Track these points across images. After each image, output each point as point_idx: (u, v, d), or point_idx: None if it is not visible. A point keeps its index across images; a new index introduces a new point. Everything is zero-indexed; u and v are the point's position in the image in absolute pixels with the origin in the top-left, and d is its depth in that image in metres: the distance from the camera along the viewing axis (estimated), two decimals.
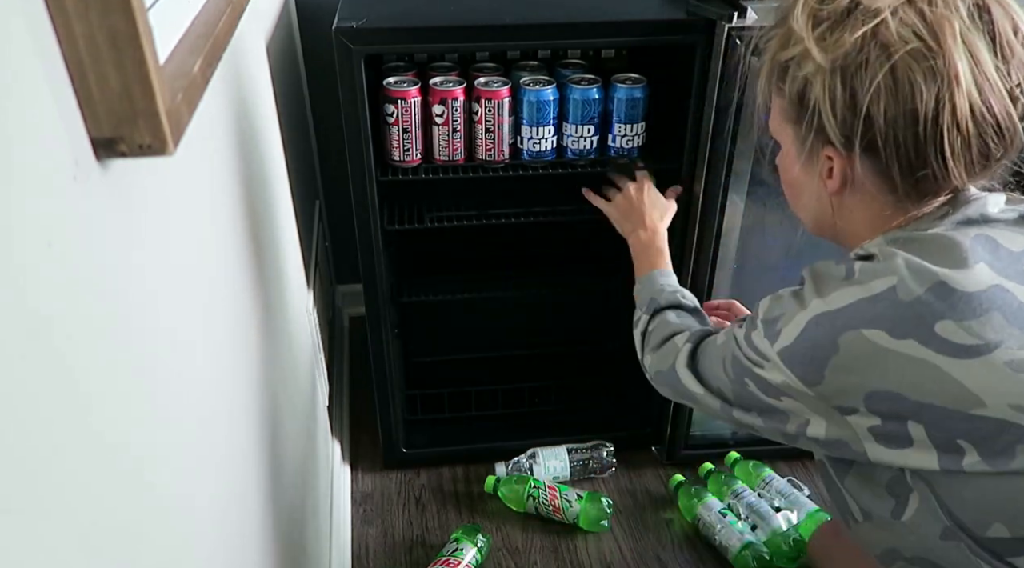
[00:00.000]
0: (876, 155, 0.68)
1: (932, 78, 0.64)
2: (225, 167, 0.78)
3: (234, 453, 0.72)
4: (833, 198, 0.76)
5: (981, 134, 0.66)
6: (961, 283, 0.64)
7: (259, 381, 0.84)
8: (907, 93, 0.65)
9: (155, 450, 0.50)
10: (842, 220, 0.77)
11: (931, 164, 0.67)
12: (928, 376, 0.65)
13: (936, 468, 0.67)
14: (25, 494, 0.32)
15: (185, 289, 0.60)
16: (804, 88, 0.70)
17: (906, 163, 0.68)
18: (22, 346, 0.33)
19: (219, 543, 0.64)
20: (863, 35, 0.65)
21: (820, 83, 0.68)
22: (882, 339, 0.66)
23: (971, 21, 0.64)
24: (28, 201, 0.35)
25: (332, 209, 1.85)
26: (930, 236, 0.69)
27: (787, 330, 0.71)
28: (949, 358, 0.64)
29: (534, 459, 1.53)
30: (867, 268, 0.69)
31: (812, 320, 0.69)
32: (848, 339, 0.67)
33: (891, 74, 0.65)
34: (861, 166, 0.70)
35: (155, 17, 0.45)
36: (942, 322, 0.64)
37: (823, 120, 0.69)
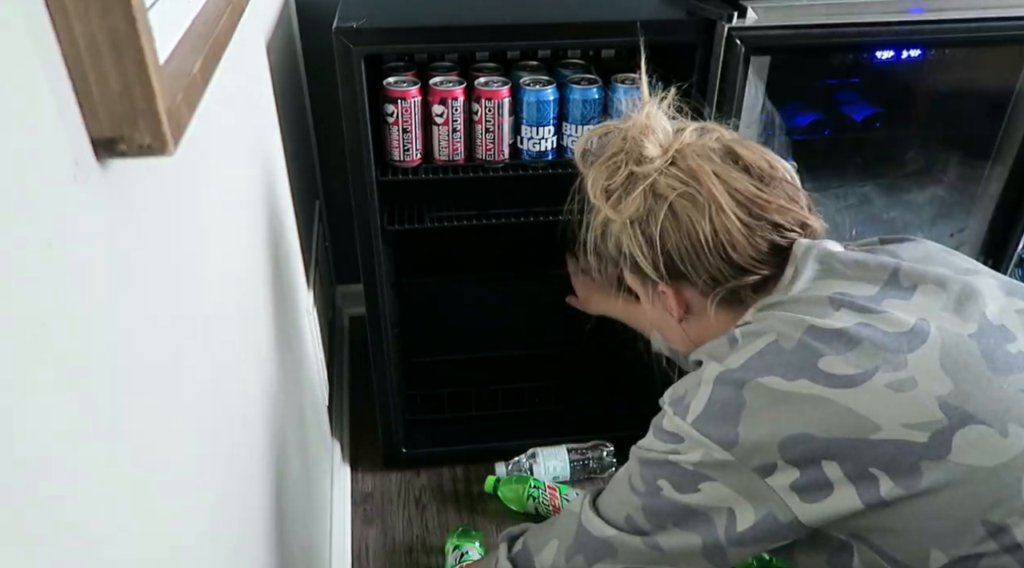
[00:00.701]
0: (687, 279, 0.81)
1: (702, 209, 0.78)
2: (225, 167, 0.78)
3: (233, 453, 0.72)
4: (685, 323, 0.87)
5: (759, 233, 0.78)
6: (830, 323, 0.73)
7: (259, 381, 0.84)
8: (688, 225, 0.78)
9: (155, 450, 0.50)
10: (705, 334, 0.85)
11: (727, 273, 0.79)
12: (826, 411, 0.69)
13: (860, 505, 0.69)
14: (24, 495, 0.32)
15: (185, 289, 0.60)
16: (619, 242, 0.83)
17: (710, 278, 0.80)
18: (22, 346, 0.33)
19: (219, 543, 0.64)
20: (643, 192, 0.80)
21: (627, 236, 0.82)
22: (779, 384, 0.71)
23: (724, 163, 0.80)
24: (28, 201, 0.35)
25: (332, 209, 1.85)
26: (791, 297, 0.77)
27: (695, 401, 0.76)
28: (838, 390, 0.70)
29: (534, 459, 1.53)
30: (748, 331, 0.77)
31: (716, 380, 0.75)
32: (751, 389, 0.72)
33: (671, 214, 0.79)
34: (684, 290, 0.83)
35: (155, 17, 0.45)
36: (824, 358, 0.71)
37: (639, 263, 0.82)
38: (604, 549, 0.82)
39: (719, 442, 0.73)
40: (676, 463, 0.76)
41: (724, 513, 0.74)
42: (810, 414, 0.70)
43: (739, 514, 0.74)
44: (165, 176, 0.56)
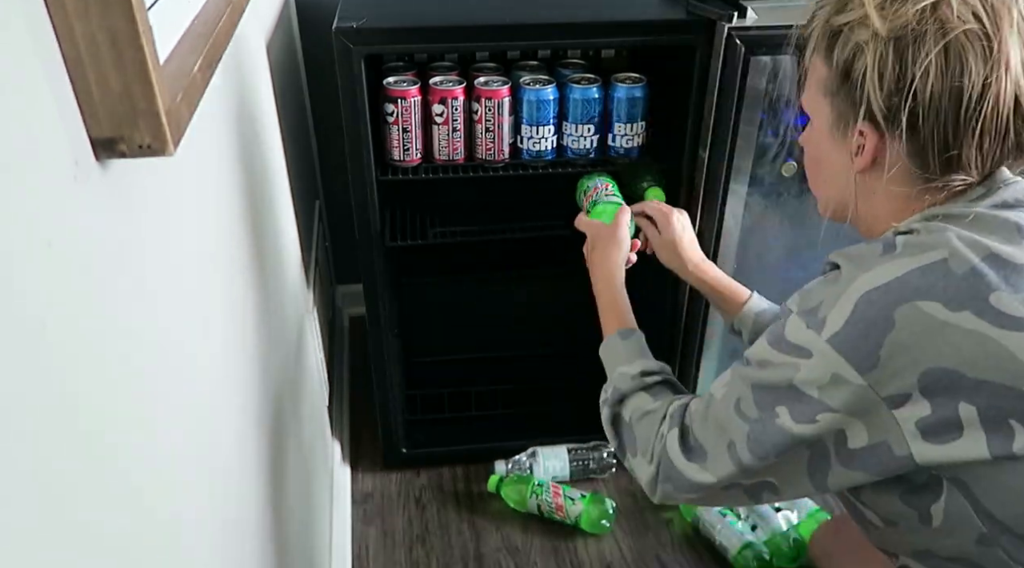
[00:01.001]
0: (913, 132, 0.68)
1: (985, 60, 0.64)
2: (225, 167, 0.78)
3: (233, 453, 0.72)
4: (859, 177, 0.74)
5: (1018, 124, 0.67)
6: (1014, 256, 0.65)
7: (259, 381, 0.84)
8: (957, 71, 0.65)
9: (153, 450, 0.50)
10: (863, 202, 0.75)
11: (965, 146, 0.67)
12: (985, 350, 0.64)
13: (987, 455, 0.65)
14: (22, 495, 0.32)
15: (185, 289, 0.60)
16: (854, 57, 0.69)
17: (941, 143, 0.67)
18: (22, 346, 0.33)
19: (218, 543, 0.64)
20: (923, 8, 0.65)
21: (872, 52, 0.67)
22: (938, 311, 0.64)
23: (1020, 16, 0.66)
24: (28, 201, 0.35)
25: (332, 209, 1.85)
26: (974, 213, 0.68)
27: (833, 315, 0.68)
28: (1005, 331, 0.63)
29: (534, 458, 1.53)
30: (913, 241, 0.68)
31: (863, 298, 0.66)
32: (904, 313, 0.65)
33: (944, 51, 0.65)
34: (894, 144, 0.70)
35: (155, 17, 0.45)
36: (997, 293, 0.64)
37: (867, 91, 0.68)
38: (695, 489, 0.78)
39: (856, 365, 0.66)
40: (800, 389, 0.69)
41: (834, 434, 0.69)
42: (966, 351, 0.64)
43: (852, 436, 0.69)
44: (165, 176, 0.56)
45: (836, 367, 0.67)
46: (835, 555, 1.22)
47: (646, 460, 0.84)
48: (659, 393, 0.89)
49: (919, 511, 0.71)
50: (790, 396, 0.70)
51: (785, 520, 1.40)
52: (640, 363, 0.92)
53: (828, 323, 0.68)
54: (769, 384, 0.72)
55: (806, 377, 0.69)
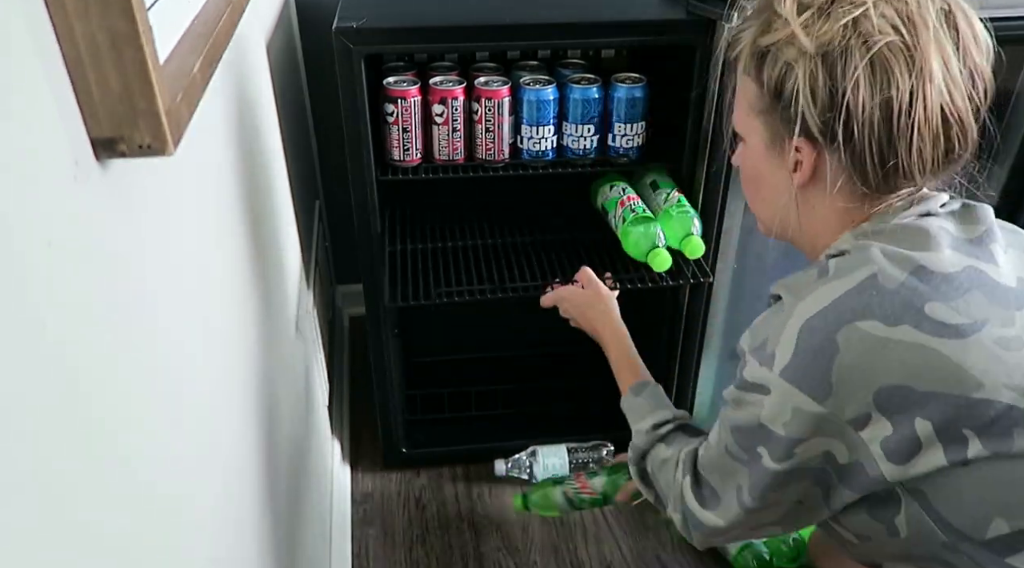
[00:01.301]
0: (851, 145, 0.68)
1: (908, 70, 0.66)
2: (225, 167, 0.78)
3: (233, 453, 0.72)
4: (799, 194, 0.75)
5: (947, 130, 0.68)
6: (938, 265, 0.66)
7: (259, 381, 0.84)
8: (884, 83, 0.66)
9: (153, 450, 0.50)
10: (805, 217, 0.76)
11: (901, 156, 0.68)
12: (928, 361, 0.64)
13: (944, 463, 0.66)
14: (21, 495, 0.32)
15: (185, 289, 0.60)
16: (784, 75, 0.70)
17: (879, 154, 0.68)
18: (22, 346, 0.33)
19: (218, 544, 0.64)
20: (846, 24, 0.66)
21: (802, 69, 0.68)
22: (877, 329, 0.65)
23: (939, 24, 0.67)
24: (28, 201, 0.35)
25: (332, 209, 1.85)
26: (896, 226, 0.70)
27: (780, 349, 0.69)
28: (944, 339, 0.64)
29: (534, 457, 1.53)
30: (843, 263, 0.69)
31: (804, 327, 0.67)
32: (845, 335, 0.66)
33: (870, 65, 0.66)
34: (833, 157, 0.70)
35: (155, 17, 0.45)
36: (930, 304, 0.64)
37: (801, 108, 0.69)
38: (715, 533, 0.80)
39: (811, 394, 0.67)
40: (768, 428, 0.70)
41: (822, 456, 0.70)
42: (910, 364, 0.64)
43: (836, 453, 0.69)
44: (165, 176, 0.56)
45: (794, 400, 0.68)
46: (834, 555, 1.22)
47: (672, 509, 0.86)
48: (673, 440, 0.91)
49: (885, 524, 0.72)
50: (763, 435, 0.71)
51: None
52: (652, 417, 0.94)
53: (777, 357, 0.69)
54: (744, 426, 0.73)
55: (770, 414, 0.70)
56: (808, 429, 0.68)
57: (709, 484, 0.80)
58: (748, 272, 1.36)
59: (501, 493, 1.54)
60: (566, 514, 1.43)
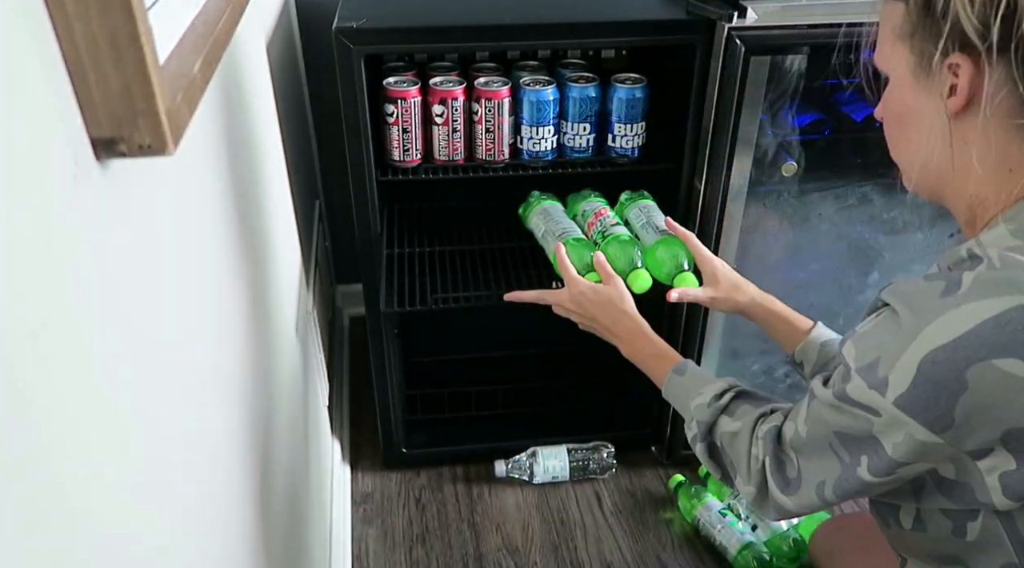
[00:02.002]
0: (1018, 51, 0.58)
1: None
2: (225, 167, 0.78)
3: (232, 454, 0.72)
4: (954, 125, 0.64)
5: None
6: None
7: (259, 381, 0.84)
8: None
9: (153, 450, 0.50)
10: (959, 158, 0.65)
11: None
12: None
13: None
14: (23, 493, 0.32)
15: (184, 289, 0.60)
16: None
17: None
18: (21, 346, 0.33)
19: (218, 544, 0.64)
20: None
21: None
22: (1020, 369, 0.56)
23: None
24: (28, 201, 0.35)
25: (332, 209, 1.85)
26: None
27: (895, 377, 0.60)
28: None
29: (534, 458, 1.53)
30: (982, 280, 0.59)
31: (926, 358, 0.59)
32: (978, 372, 0.57)
33: None
34: (995, 71, 0.59)
35: (155, 17, 0.45)
36: None
37: (956, 13, 0.59)
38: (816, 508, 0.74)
39: (929, 426, 0.60)
40: (879, 442, 0.64)
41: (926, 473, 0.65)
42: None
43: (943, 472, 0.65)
44: (165, 176, 0.56)
45: (908, 428, 0.61)
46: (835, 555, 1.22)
47: (745, 481, 0.80)
48: (735, 410, 0.85)
49: (955, 523, 0.68)
50: (869, 447, 0.66)
51: (785, 520, 1.40)
52: (708, 389, 0.88)
53: (891, 385, 0.61)
54: (850, 433, 0.67)
55: (879, 430, 0.64)
56: (918, 454, 0.63)
57: (794, 467, 0.74)
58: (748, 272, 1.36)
59: (501, 493, 1.54)
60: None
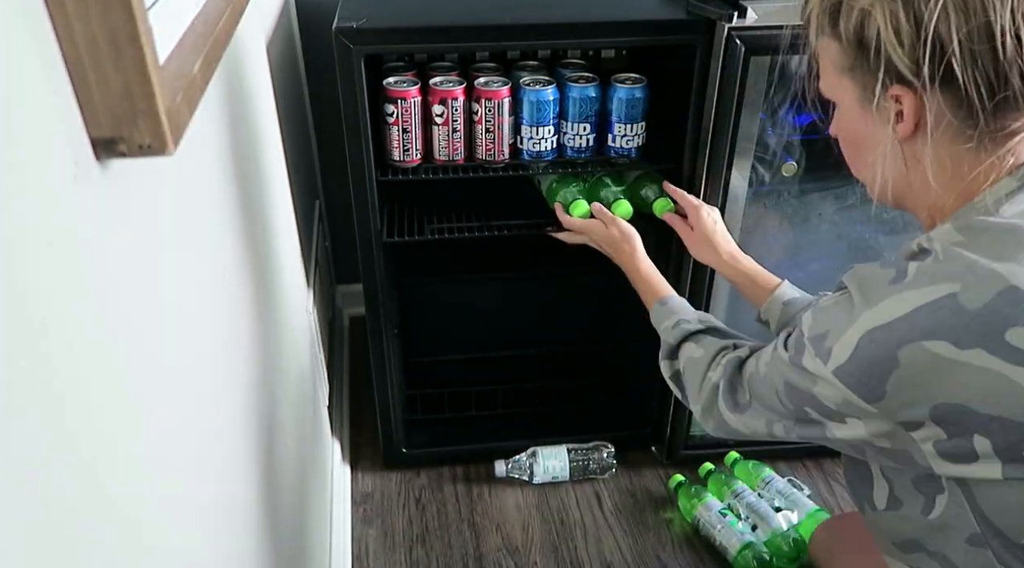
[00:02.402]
0: (951, 82, 0.62)
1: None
2: (225, 167, 0.78)
3: (233, 453, 0.72)
4: (905, 147, 0.68)
5: None
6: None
7: (259, 381, 0.84)
8: (978, 7, 0.59)
9: (153, 449, 0.50)
10: (914, 174, 0.69)
11: (1014, 86, 0.61)
12: (997, 387, 0.61)
13: (999, 478, 0.64)
14: (16, 495, 0.32)
15: (184, 289, 0.60)
16: (862, 24, 0.65)
17: (986, 88, 0.61)
18: (21, 346, 0.33)
19: (218, 544, 0.64)
20: None
21: (880, 12, 0.63)
22: (947, 351, 0.61)
23: None
24: (28, 201, 0.35)
25: (332, 209, 1.85)
26: (1003, 226, 0.63)
27: (838, 348, 0.66)
28: (1019, 367, 0.60)
29: (534, 458, 1.53)
30: (924, 270, 0.63)
31: (865, 336, 0.64)
32: (908, 352, 0.62)
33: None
34: (935, 99, 0.64)
35: (155, 17, 0.45)
36: (1013, 329, 0.60)
37: (888, 54, 0.63)
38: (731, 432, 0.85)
39: (863, 396, 0.65)
40: (818, 399, 0.70)
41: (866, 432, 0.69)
42: (976, 388, 0.61)
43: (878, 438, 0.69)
44: (165, 176, 0.56)
45: (845, 395, 0.67)
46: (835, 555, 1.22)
47: (695, 399, 0.91)
48: (703, 340, 0.95)
49: (925, 497, 0.71)
50: (814, 402, 0.71)
51: (785, 520, 1.40)
52: (676, 316, 1.01)
53: (833, 355, 0.66)
54: (797, 387, 0.72)
55: (824, 394, 0.69)
56: (858, 413, 0.68)
57: (745, 395, 0.82)
58: None
59: (501, 493, 1.54)
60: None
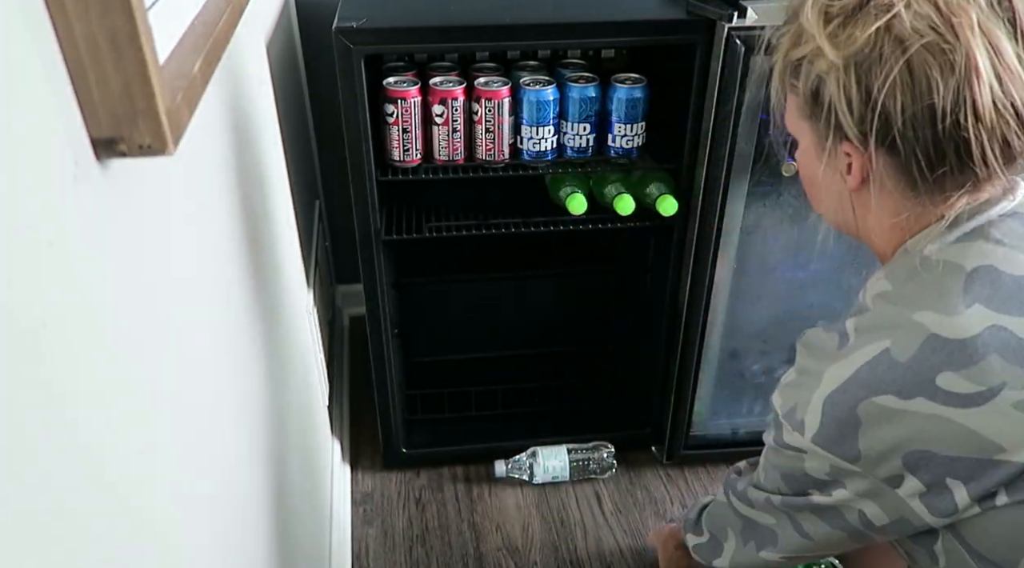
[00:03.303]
0: (895, 152, 0.66)
1: (950, 72, 0.62)
2: (225, 167, 0.78)
3: (233, 453, 0.72)
4: (853, 195, 0.74)
5: (1003, 128, 0.64)
6: (952, 331, 0.65)
7: (259, 381, 0.84)
8: (924, 89, 0.63)
9: (153, 449, 0.50)
10: (863, 219, 0.75)
11: (951, 162, 0.65)
12: (946, 430, 0.65)
13: (978, 511, 0.67)
14: (16, 496, 0.32)
15: (185, 289, 0.60)
16: (818, 86, 0.69)
17: (925, 161, 0.65)
18: (21, 346, 0.33)
19: (218, 543, 0.64)
20: (876, 30, 0.64)
21: (834, 80, 0.67)
22: (893, 402, 0.66)
23: (990, 8, 0.63)
24: (28, 201, 0.35)
25: (332, 209, 1.85)
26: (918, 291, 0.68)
27: (809, 417, 0.71)
28: (958, 409, 0.64)
29: (534, 458, 1.53)
30: (861, 328, 0.70)
31: (827, 401, 0.70)
32: (864, 409, 0.67)
33: (907, 69, 0.63)
34: (880, 163, 0.68)
35: (155, 17, 0.45)
36: (942, 374, 0.64)
37: (839, 117, 0.68)
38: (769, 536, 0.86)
39: (843, 457, 0.70)
40: (812, 474, 0.74)
41: (857, 512, 0.74)
42: (929, 432, 0.65)
43: (869, 512, 0.73)
44: (165, 176, 0.56)
45: (831, 461, 0.71)
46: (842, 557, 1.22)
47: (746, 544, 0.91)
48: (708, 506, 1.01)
49: (926, 549, 0.74)
50: (808, 482, 0.76)
51: None
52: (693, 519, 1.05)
53: (807, 425, 0.72)
54: (790, 473, 0.77)
55: (811, 466, 0.74)
56: (846, 478, 0.72)
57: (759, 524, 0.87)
58: (748, 272, 1.36)
59: (501, 493, 1.54)
60: None
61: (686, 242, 1.33)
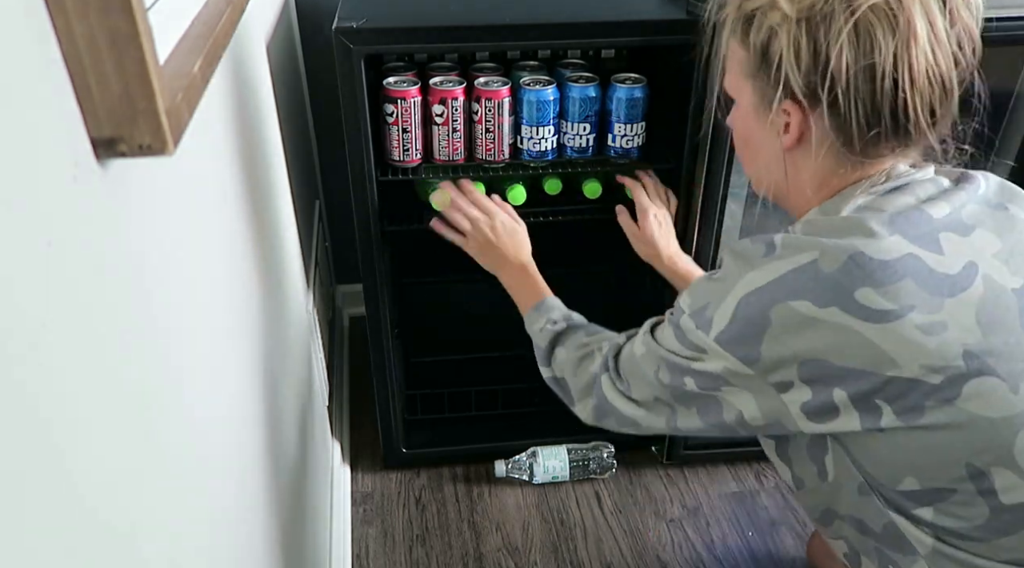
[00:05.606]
0: (835, 109, 0.70)
1: (892, 34, 0.67)
2: (225, 167, 0.78)
3: (233, 453, 0.72)
4: (787, 155, 0.77)
5: (931, 94, 0.69)
6: (876, 252, 0.69)
7: (259, 381, 0.84)
8: (867, 48, 0.67)
9: (153, 449, 0.50)
10: (792, 179, 0.79)
11: (885, 122, 0.70)
12: (849, 341, 0.69)
13: (859, 429, 0.73)
14: (20, 497, 0.32)
15: (185, 289, 0.60)
16: (768, 39, 0.72)
17: (865, 119, 0.70)
18: (21, 347, 0.33)
19: (218, 544, 0.64)
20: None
21: (785, 34, 0.70)
22: (808, 309, 0.70)
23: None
24: (28, 201, 0.35)
25: (332, 209, 1.85)
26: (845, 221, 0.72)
27: (718, 316, 0.74)
28: (867, 323, 0.68)
29: (534, 458, 1.53)
30: (789, 242, 0.73)
31: (742, 300, 0.73)
32: (777, 311, 0.71)
33: (854, 28, 0.67)
34: (819, 120, 0.73)
35: (155, 17, 0.46)
36: (861, 289, 0.68)
37: (786, 72, 0.71)
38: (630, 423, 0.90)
39: (741, 359, 0.74)
40: (699, 370, 0.78)
41: (738, 406, 0.78)
42: (831, 341, 0.70)
43: (749, 409, 0.77)
44: (165, 176, 0.56)
45: (726, 362, 0.75)
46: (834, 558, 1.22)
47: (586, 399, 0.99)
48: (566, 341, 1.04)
49: (817, 465, 0.82)
50: (693, 374, 0.79)
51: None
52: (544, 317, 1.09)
53: (714, 323, 0.75)
54: (676, 365, 0.81)
55: (704, 369, 0.78)
56: (736, 379, 0.76)
57: (631, 383, 0.88)
58: None
59: (501, 493, 1.54)
60: None
61: (686, 242, 1.33)
